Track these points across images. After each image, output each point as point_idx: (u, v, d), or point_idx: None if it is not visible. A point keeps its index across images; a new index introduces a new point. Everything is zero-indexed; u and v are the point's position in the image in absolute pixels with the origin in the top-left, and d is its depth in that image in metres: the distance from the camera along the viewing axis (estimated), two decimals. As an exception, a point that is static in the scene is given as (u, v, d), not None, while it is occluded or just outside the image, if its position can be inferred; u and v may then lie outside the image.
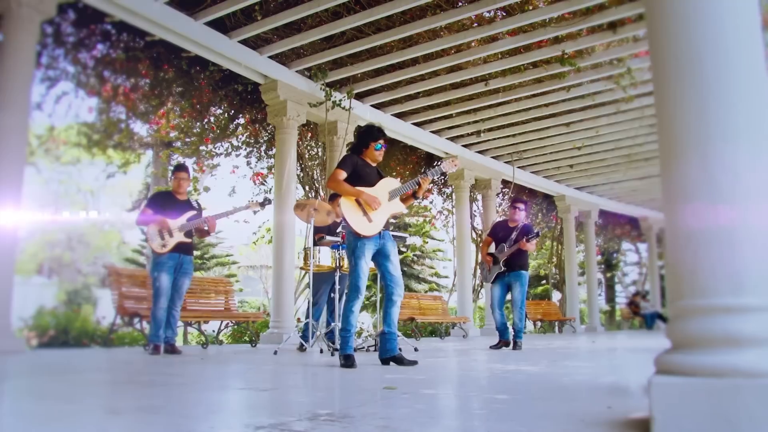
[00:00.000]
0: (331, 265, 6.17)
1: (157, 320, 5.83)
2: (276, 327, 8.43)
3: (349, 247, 4.51)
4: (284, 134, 8.84)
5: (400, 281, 4.61)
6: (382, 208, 4.50)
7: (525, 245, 7.05)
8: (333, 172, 4.54)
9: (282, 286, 8.52)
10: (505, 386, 2.97)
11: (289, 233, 8.63)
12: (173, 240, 5.80)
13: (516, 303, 7.15)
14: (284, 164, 8.75)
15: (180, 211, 5.96)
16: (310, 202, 6.03)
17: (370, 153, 4.67)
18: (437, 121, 11.21)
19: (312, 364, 4.75)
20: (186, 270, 5.95)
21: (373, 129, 4.71)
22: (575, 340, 10.23)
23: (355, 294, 4.42)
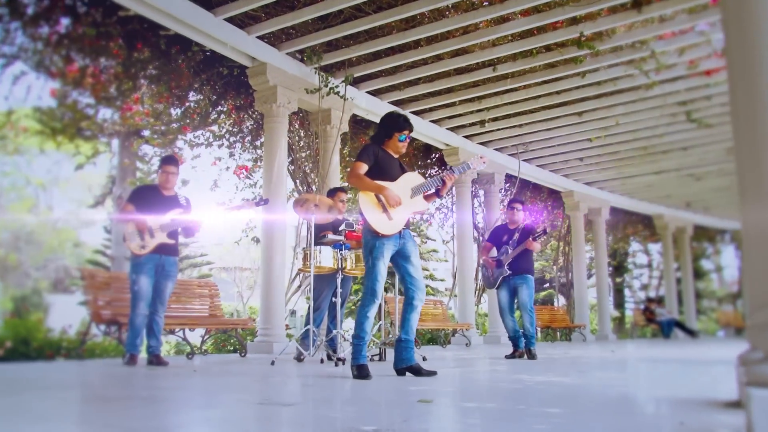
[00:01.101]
0: (333, 267, 6.16)
1: (135, 328, 5.76)
2: (265, 335, 8.38)
3: (366, 247, 4.51)
4: (274, 123, 8.78)
5: (422, 285, 4.64)
6: (403, 204, 4.51)
7: (531, 244, 7.14)
8: (353, 166, 4.53)
9: (272, 291, 8.47)
10: (549, 399, 2.98)
11: (279, 232, 8.59)
12: (154, 240, 5.71)
13: (524, 306, 7.23)
14: (274, 156, 8.70)
15: (165, 208, 5.87)
16: (312, 197, 6.01)
17: (393, 144, 4.68)
18: (438, 109, 11.22)
19: (319, 375, 4.73)
20: (168, 272, 5.85)
21: (399, 118, 4.72)
22: (590, 349, 10.30)
23: (371, 298, 4.43)
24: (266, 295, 8.52)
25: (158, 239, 5.73)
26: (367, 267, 4.48)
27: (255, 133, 10.57)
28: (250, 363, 6.35)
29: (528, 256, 7.39)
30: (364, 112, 10.32)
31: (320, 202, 6.01)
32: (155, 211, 5.80)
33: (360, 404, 2.88)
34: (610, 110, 11.01)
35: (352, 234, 6.20)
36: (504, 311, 7.36)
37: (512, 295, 7.36)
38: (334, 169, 9.45)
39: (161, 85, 9.73)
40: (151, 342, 5.88)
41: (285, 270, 8.80)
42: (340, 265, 6.15)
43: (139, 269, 5.72)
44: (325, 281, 6.55)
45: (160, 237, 5.77)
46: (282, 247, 8.61)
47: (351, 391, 3.46)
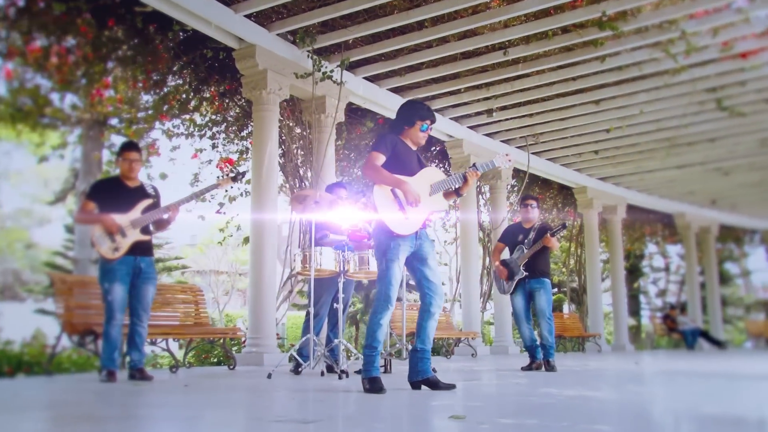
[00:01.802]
0: (334, 269, 6.17)
1: (112, 341, 5.62)
2: (254, 346, 8.37)
3: (379, 248, 4.53)
4: (263, 111, 8.77)
5: (440, 290, 4.67)
6: (421, 202, 4.53)
7: (549, 240, 7.19)
8: (369, 156, 4.54)
9: (261, 297, 8.47)
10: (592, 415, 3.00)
11: (270, 233, 8.58)
12: (127, 240, 5.54)
13: (543, 313, 7.28)
14: (263, 148, 8.69)
15: (132, 202, 5.68)
16: (312, 193, 6.02)
17: (413, 134, 4.71)
18: (441, 97, 11.24)
19: (326, 389, 4.74)
20: (148, 275, 5.74)
21: (422, 106, 4.76)
22: (609, 360, 10.37)
23: (384, 304, 4.45)
24: (255, 301, 8.52)
25: (131, 238, 5.55)
26: (381, 270, 4.50)
27: (241, 123, 10.55)
28: (242, 376, 6.35)
29: (545, 257, 7.43)
30: (360, 100, 10.34)
31: (321, 198, 6.01)
32: (122, 206, 5.61)
33: (388, 421, 2.90)
34: (631, 98, 11.08)
35: (356, 234, 6.21)
36: (519, 318, 7.40)
37: (528, 301, 7.40)
38: (329, 162, 9.45)
39: (136, 69, 9.69)
40: (134, 355, 5.77)
41: (275, 274, 8.78)
42: (342, 268, 6.16)
43: (113, 276, 5.53)
44: (324, 286, 6.55)
45: (134, 235, 5.59)
46: (273, 248, 8.60)
47: (370, 406, 3.47)
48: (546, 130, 12.73)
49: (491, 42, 9.27)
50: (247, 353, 8.40)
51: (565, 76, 10.36)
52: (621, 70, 10.10)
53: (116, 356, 5.65)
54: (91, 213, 5.60)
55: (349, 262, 6.19)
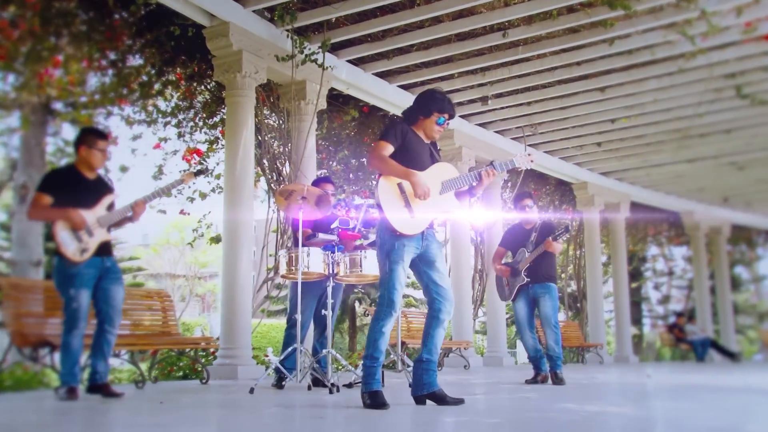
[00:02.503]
0: (323, 272, 6.19)
1: (73, 352, 5.51)
2: (228, 357, 8.35)
3: (382, 248, 4.56)
4: (238, 96, 8.74)
5: (451, 294, 4.71)
6: (430, 200, 4.56)
7: (551, 245, 7.28)
8: (375, 145, 4.58)
9: (236, 304, 8.43)
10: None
11: (245, 232, 8.57)
12: (95, 240, 5.44)
13: (548, 321, 7.37)
14: (238, 138, 8.66)
15: (95, 196, 5.56)
16: (298, 188, 6.03)
17: (428, 125, 4.74)
18: (432, 83, 11.22)
19: (319, 404, 4.77)
20: (116, 275, 5.64)
21: (443, 98, 4.78)
22: (617, 373, 10.50)
23: (387, 310, 4.49)
24: (229, 307, 8.49)
25: (99, 237, 5.45)
26: (383, 272, 4.53)
27: (211, 109, 10.49)
28: (219, 391, 6.34)
29: (549, 260, 7.50)
30: (343, 86, 10.35)
31: (309, 193, 6.02)
32: (84, 202, 5.48)
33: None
34: (640, 85, 11.21)
35: (347, 233, 6.23)
36: (522, 327, 7.46)
37: (531, 308, 7.48)
38: (310, 154, 9.46)
39: (91, 46, 9.57)
40: (99, 366, 5.64)
41: (251, 277, 8.78)
42: (332, 270, 6.18)
43: (79, 280, 5.39)
44: (308, 290, 6.56)
45: (100, 234, 5.49)
46: (249, 249, 8.59)
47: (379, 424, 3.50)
48: (545, 119, 12.84)
49: (489, 22, 9.33)
50: (219, 365, 8.36)
51: (568, 60, 10.45)
52: (631, 54, 10.20)
53: (77, 370, 5.56)
54: (49, 208, 5.42)
55: (338, 264, 6.20)
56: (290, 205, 6.17)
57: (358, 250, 6.27)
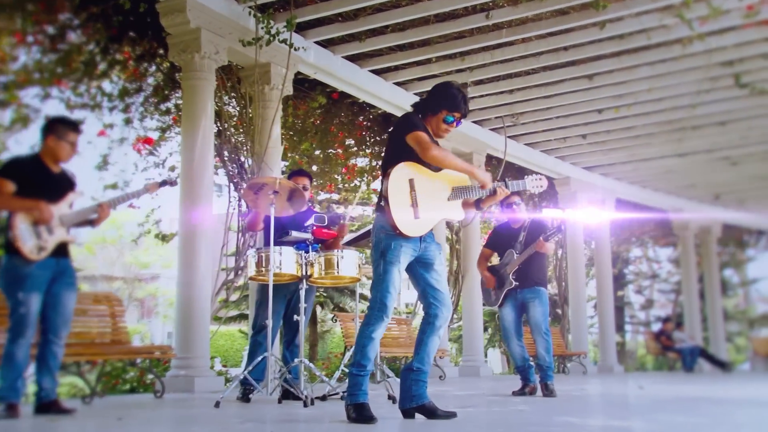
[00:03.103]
0: (295, 274, 6.18)
1: (16, 364, 5.33)
2: (183, 368, 8.25)
3: (377, 247, 4.59)
4: (196, 80, 8.65)
5: (448, 300, 4.76)
6: (437, 204, 4.66)
7: (543, 246, 7.33)
8: (420, 137, 4.56)
9: (193, 309, 8.33)
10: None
11: (205, 230, 8.47)
12: (54, 239, 5.36)
13: (538, 328, 7.45)
14: (196, 126, 8.56)
15: (58, 192, 5.50)
16: (270, 181, 5.99)
17: (435, 123, 4.78)
18: (407, 68, 11.29)
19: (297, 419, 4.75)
20: (70, 280, 5.54)
21: (456, 94, 4.80)
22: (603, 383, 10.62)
23: (379, 314, 4.52)
24: (185, 315, 8.38)
25: (58, 236, 5.37)
26: (377, 273, 4.56)
27: (164, 93, 10.38)
28: (180, 405, 6.29)
29: (539, 262, 7.57)
30: (310, 70, 10.29)
31: (281, 187, 5.99)
32: (47, 196, 5.37)
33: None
34: (632, 72, 11.31)
35: (322, 231, 6.21)
36: (509, 334, 7.52)
37: (520, 313, 7.54)
38: (275, 144, 9.41)
39: (24, 18, 9.38)
40: (45, 383, 5.47)
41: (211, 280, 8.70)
42: (305, 272, 6.17)
43: (30, 283, 5.27)
44: (275, 293, 6.50)
45: (60, 233, 5.42)
46: (208, 248, 8.52)
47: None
48: (527, 109, 12.92)
49: (472, 2, 9.33)
50: (173, 377, 8.26)
51: (555, 45, 10.50)
52: (622, 39, 10.29)
53: (20, 385, 5.40)
54: (11, 196, 5.27)
55: (313, 265, 6.18)
56: (260, 200, 6.13)
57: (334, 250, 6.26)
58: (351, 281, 6.54)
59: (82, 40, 9.84)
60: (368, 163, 13.55)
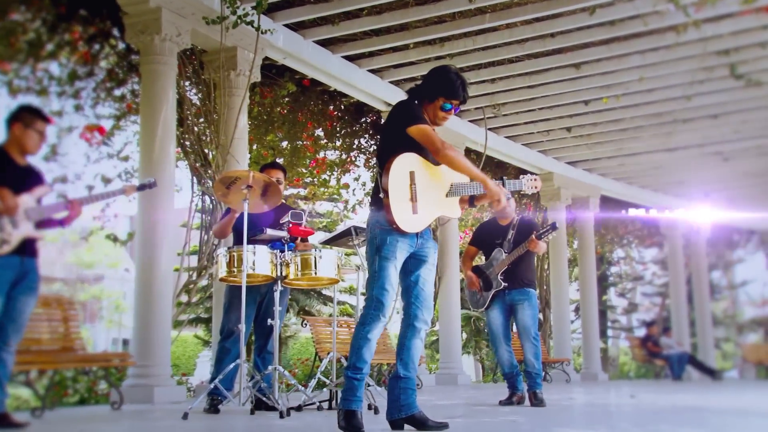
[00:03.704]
0: (270, 274, 6.16)
1: None
2: (142, 377, 8.18)
3: (372, 243, 4.62)
4: (156, 64, 8.55)
5: (430, 301, 4.78)
6: (436, 200, 4.70)
7: (536, 244, 7.32)
8: (428, 133, 4.59)
9: (153, 313, 8.25)
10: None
11: (166, 227, 8.41)
12: (19, 233, 5.24)
13: (527, 332, 7.47)
14: (156, 115, 8.47)
15: (26, 184, 5.42)
16: (243, 174, 5.96)
17: (432, 111, 4.81)
18: (382, 54, 11.28)
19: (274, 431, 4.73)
20: (33, 283, 5.43)
21: (454, 79, 4.81)
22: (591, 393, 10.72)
23: (375, 313, 4.55)
24: (143, 319, 8.32)
25: (23, 231, 5.26)
26: (372, 270, 4.59)
27: (118, 78, 10.27)
28: (141, 418, 6.24)
29: (528, 262, 7.60)
30: (279, 55, 10.23)
31: (255, 181, 5.96)
32: (12, 188, 5.25)
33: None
34: (622, 61, 11.42)
35: (298, 228, 6.19)
36: (496, 338, 7.54)
37: (508, 317, 7.55)
38: (241, 135, 9.37)
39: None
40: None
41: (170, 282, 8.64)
42: (280, 273, 6.15)
43: None
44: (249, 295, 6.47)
45: (26, 228, 5.29)
46: (169, 247, 8.46)
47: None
48: (510, 99, 12.98)
49: (455, -15, 9.40)
50: (130, 387, 8.18)
51: (541, 31, 10.55)
52: (613, 26, 10.38)
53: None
54: None
55: (288, 265, 6.16)
56: (232, 195, 6.10)
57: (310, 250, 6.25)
58: (329, 283, 6.54)
59: (26, 17, 9.70)
60: (338, 156, 13.52)
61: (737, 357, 30.08)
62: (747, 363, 23.60)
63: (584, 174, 16.95)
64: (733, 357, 30.60)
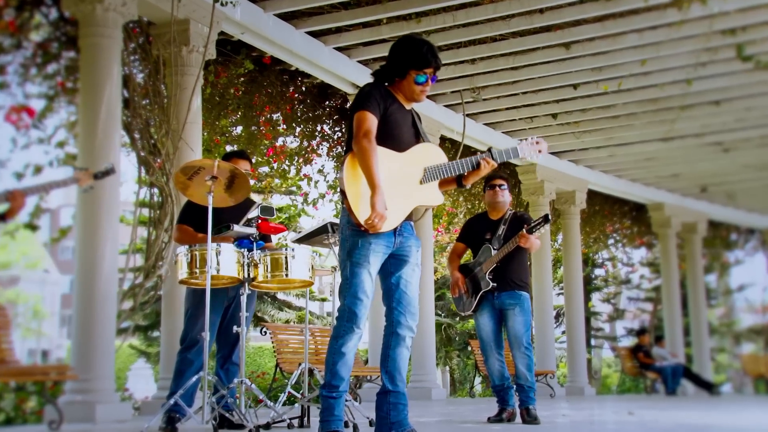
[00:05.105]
0: (236, 276, 6.14)
1: None
2: (82, 392, 8.10)
3: (343, 246, 4.65)
4: (98, 37, 8.47)
5: (415, 306, 4.80)
6: (407, 190, 4.68)
7: (526, 239, 7.30)
8: (358, 119, 4.56)
9: (94, 320, 8.15)
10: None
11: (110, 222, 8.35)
12: None
13: (518, 341, 7.45)
14: (98, 95, 8.40)
15: None
16: (207, 164, 5.92)
17: (406, 88, 4.81)
18: (352, 30, 11.26)
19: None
20: None
21: (419, 46, 4.80)
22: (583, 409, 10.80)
23: (348, 326, 4.56)
24: (84, 327, 8.24)
25: None
26: (344, 277, 4.61)
27: (52, 53, 10.15)
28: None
29: (521, 261, 7.58)
30: (237, 29, 10.19)
31: (220, 172, 5.92)
32: None
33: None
34: (616, 41, 11.51)
35: (269, 225, 6.17)
36: (487, 347, 7.53)
37: (499, 322, 7.54)
38: (194, 119, 9.32)
39: None
40: None
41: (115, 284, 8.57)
42: (248, 274, 6.13)
43: None
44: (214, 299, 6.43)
45: None
46: (114, 245, 8.39)
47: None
48: (491, 82, 13.05)
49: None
50: (68, 404, 8.10)
51: (529, 6, 10.58)
52: (608, 1, 10.47)
53: None
54: None
55: (257, 266, 6.14)
56: (194, 187, 6.05)
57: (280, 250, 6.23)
58: (302, 285, 6.53)
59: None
60: (299, 143, 13.47)
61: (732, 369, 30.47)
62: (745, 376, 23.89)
63: (570, 166, 17.08)
64: (727, 369, 30.91)
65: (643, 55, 11.76)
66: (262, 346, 22.90)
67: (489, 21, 11.03)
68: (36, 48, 10.28)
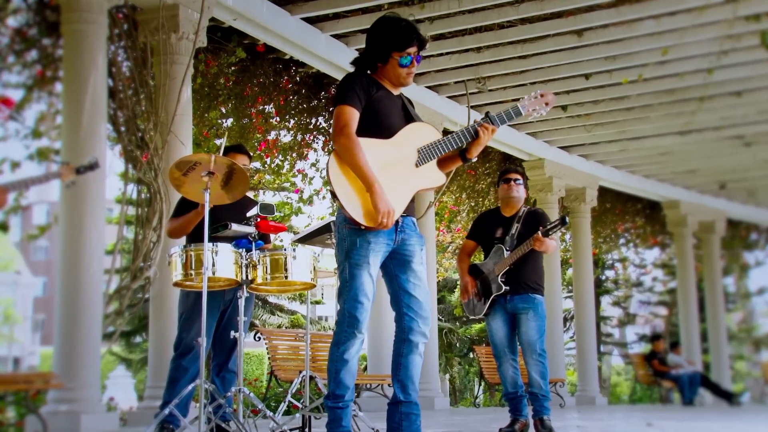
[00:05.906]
0: (234, 278, 6.13)
1: None
2: (66, 401, 8.12)
3: (340, 246, 4.64)
4: (83, 23, 8.50)
5: (427, 309, 4.78)
6: (403, 176, 4.66)
7: (541, 242, 7.25)
8: (339, 115, 4.56)
9: (78, 325, 8.18)
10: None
11: (96, 220, 8.37)
12: None
13: (531, 347, 7.40)
14: (83, 85, 8.44)
15: None
16: (203, 159, 5.92)
17: (391, 72, 4.80)
18: (350, 16, 11.25)
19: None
20: None
21: (401, 26, 4.79)
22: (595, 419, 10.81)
23: (350, 331, 4.58)
24: (68, 331, 8.27)
25: None
26: (342, 279, 4.61)
27: (32, 41, 10.16)
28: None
29: (535, 263, 7.52)
30: (229, 15, 10.19)
31: (217, 167, 5.93)
32: None
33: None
34: (632, 28, 11.49)
35: (268, 224, 6.17)
36: (500, 353, 7.49)
37: (512, 326, 7.52)
38: (184, 110, 9.33)
39: None
40: None
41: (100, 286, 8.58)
42: (246, 276, 6.12)
43: None
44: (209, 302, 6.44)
45: None
46: (99, 245, 8.42)
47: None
48: (497, 72, 13.03)
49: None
50: (50, 414, 8.11)
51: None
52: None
53: None
54: None
55: (256, 267, 6.14)
56: (189, 183, 6.06)
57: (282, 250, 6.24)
58: (303, 288, 6.52)
59: None
60: (292, 137, 13.47)
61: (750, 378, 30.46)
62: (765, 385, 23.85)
63: (580, 161, 17.09)
64: (745, 378, 30.85)
65: (660, 43, 11.74)
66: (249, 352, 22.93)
67: (496, 7, 10.99)
68: (13, 34, 10.29)
